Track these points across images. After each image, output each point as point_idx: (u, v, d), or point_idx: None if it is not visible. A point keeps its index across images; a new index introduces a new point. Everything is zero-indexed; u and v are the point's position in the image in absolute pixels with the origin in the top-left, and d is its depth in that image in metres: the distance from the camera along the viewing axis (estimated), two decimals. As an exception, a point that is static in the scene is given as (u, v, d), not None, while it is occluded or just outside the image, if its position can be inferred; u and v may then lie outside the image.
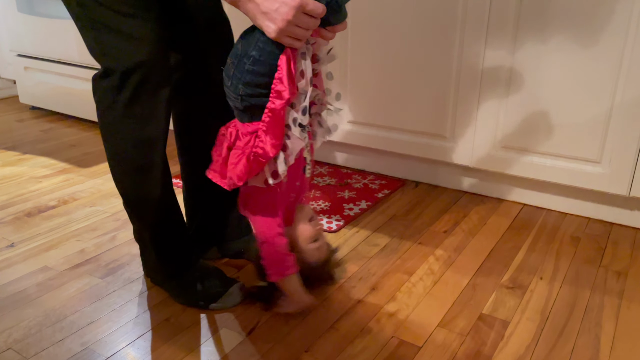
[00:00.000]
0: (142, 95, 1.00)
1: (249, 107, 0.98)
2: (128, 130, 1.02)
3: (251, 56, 0.94)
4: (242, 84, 0.96)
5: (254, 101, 0.97)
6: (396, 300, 1.14)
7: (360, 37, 1.63)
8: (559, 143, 1.43)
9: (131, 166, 1.05)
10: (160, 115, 1.03)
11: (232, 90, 0.98)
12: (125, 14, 0.96)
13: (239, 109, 1.00)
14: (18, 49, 2.45)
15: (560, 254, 1.31)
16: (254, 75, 0.95)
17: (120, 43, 0.97)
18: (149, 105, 1.01)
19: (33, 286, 1.19)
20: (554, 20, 1.34)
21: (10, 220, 1.50)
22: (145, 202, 1.09)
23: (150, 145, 1.04)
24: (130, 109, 1.00)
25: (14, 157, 1.99)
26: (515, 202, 1.59)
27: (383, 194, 1.65)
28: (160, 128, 1.04)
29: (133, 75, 0.98)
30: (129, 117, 1.01)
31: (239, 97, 0.97)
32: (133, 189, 1.08)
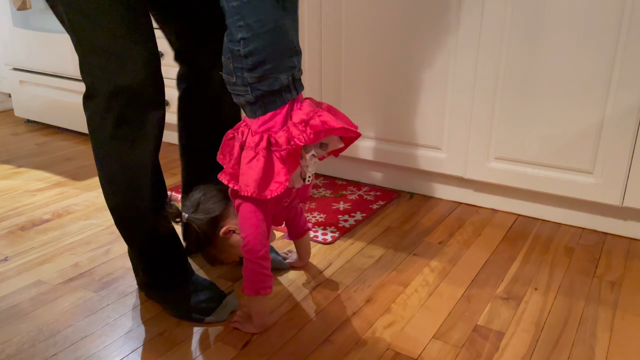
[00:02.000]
0: (129, 117, 1.00)
1: (260, 96, 0.96)
2: (116, 152, 1.02)
3: (240, 40, 0.93)
4: (247, 71, 0.94)
5: (264, 86, 0.95)
6: (391, 312, 1.14)
7: (354, 49, 1.65)
8: (551, 154, 1.44)
9: (120, 186, 1.05)
10: (150, 137, 1.03)
11: (240, 83, 0.96)
12: (115, 34, 0.95)
13: (250, 102, 0.98)
14: (13, 63, 2.46)
15: (555, 264, 1.32)
16: (253, 55, 0.93)
17: (108, 64, 0.96)
18: (137, 127, 1.01)
19: (26, 300, 1.19)
20: (545, 30, 1.36)
21: (4, 234, 1.49)
22: (136, 221, 1.09)
23: (139, 167, 1.04)
24: (118, 130, 1.00)
25: (8, 170, 1.98)
26: (510, 213, 1.60)
27: (378, 205, 1.65)
28: (149, 149, 1.03)
29: (119, 98, 0.98)
30: (117, 139, 1.01)
31: (249, 88, 0.96)
32: (123, 209, 1.08)
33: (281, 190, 0.96)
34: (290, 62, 0.98)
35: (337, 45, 1.67)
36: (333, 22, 1.65)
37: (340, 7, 1.62)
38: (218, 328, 1.09)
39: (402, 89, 1.61)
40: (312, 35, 1.70)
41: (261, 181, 0.96)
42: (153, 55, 1.01)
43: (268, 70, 0.95)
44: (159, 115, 1.04)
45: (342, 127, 0.98)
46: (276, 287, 1.23)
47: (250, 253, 1.02)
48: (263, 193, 0.97)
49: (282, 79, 0.97)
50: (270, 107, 0.97)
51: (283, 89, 0.98)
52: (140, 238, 1.12)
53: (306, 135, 0.96)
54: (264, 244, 1.03)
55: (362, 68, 1.65)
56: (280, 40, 0.95)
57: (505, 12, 1.39)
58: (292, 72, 0.99)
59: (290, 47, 0.98)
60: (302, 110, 0.99)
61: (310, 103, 1.02)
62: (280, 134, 0.97)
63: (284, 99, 0.99)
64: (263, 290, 1.03)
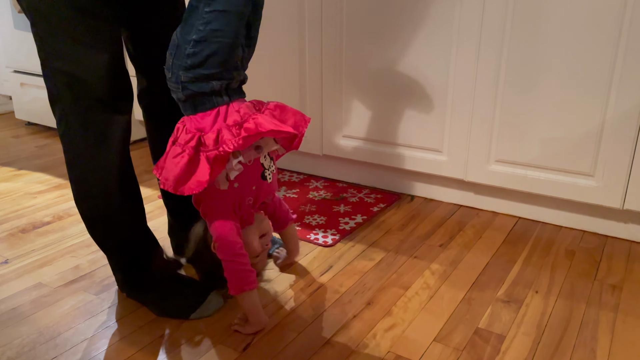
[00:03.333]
0: (93, 122, 1.02)
1: (190, 96, 1.00)
2: (83, 155, 1.04)
3: (191, 40, 0.96)
4: (183, 69, 0.98)
5: (195, 88, 0.99)
6: (392, 315, 1.14)
7: (355, 51, 1.65)
8: (552, 156, 1.44)
9: (90, 190, 1.06)
10: (115, 141, 1.04)
11: (174, 80, 1.00)
12: (76, 40, 0.97)
13: (181, 100, 1.02)
14: (14, 66, 2.46)
15: (556, 267, 1.32)
16: (194, 57, 0.97)
17: (69, 69, 0.98)
18: (101, 132, 1.02)
19: (27, 303, 1.19)
20: (546, 33, 1.36)
21: (5, 237, 1.49)
22: (107, 225, 1.10)
23: (106, 171, 1.05)
24: (84, 134, 1.02)
25: (9, 173, 1.98)
26: (510, 216, 1.60)
27: (378, 208, 1.65)
28: (115, 154, 1.05)
29: (81, 102, 1.00)
30: (83, 142, 1.03)
31: (180, 86, 0.99)
32: (94, 213, 1.09)
33: (200, 189, 0.97)
34: (228, 75, 1.01)
35: (338, 48, 1.67)
36: (333, 25, 1.65)
37: (341, 9, 1.63)
38: (219, 331, 1.09)
39: (403, 91, 1.61)
40: (313, 39, 1.70)
41: (180, 177, 0.98)
42: (115, 61, 1.02)
43: (202, 75, 0.98)
44: (124, 121, 1.05)
45: (271, 130, 0.99)
46: (277, 289, 1.23)
47: (224, 253, 1.04)
48: (180, 189, 0.99)
49: (213, 85, 1.00)
50: (199, 107, 1.01)
51: (214, 93, 1.01)
52: (113, 242, 1.13)
53: (235, 141, 0.97)
54: (236, 240, 1.05)
55: (363, 71, 1.65)
56: (226, 55, 0.99)
57: (506, 13, 1.39)
58: (227, 82, 1.02)
59: (233, 63, 1.02)
60: (238, 112, 1.01)
61: (250, 106, 1.05)
62: (209, 135, 0.99)
63: (214, 103, 1.01)
64: (247, 286, 1.04)
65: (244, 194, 1.09)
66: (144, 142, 2.35)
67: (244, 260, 1.05)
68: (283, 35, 1.76)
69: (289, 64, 1.78)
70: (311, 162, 1.92)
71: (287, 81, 1.80)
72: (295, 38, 1.74)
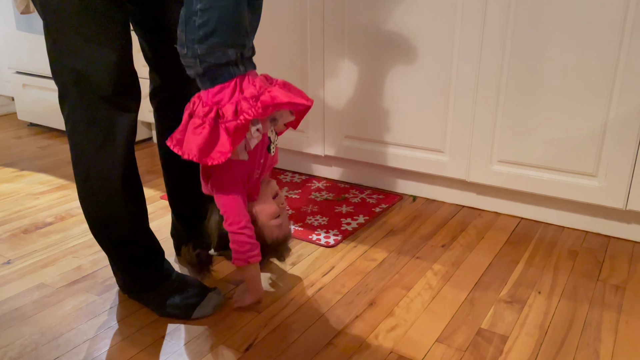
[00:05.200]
0: (99, 119, 1.02)
1: (208, 68, 1.01)
2: (88, 152, 1.04)
3: (197, 10, 0.97)
4: (197, 42, 0.98)
5: (212, 59, 0.99)
6: (394, 315, 1.13)
7: (356, 51, 1.65)
8: (555, 157, 1.44)
9: (93, 187, 1.07)
10: (120, 139, 1.05)
11: (190, 55, 1.00)
12: (87, 38, 0.98)
13: (199, 74, 1.02)
14: (16, 66, 2.47)
15: (558, 268, 1.31)
16: (206, 26, 0.97)
17: (79, 67, 0.99)
18: (107, 130, 1.03)
19: (29, 303, 1.19)
20: (549, 33, 1.36)
21: (7, 237, 1.49)
22: (109, 224, 1.10)
23: (110, 169, 1.05)
24: (89, 131, 1.03)
25: (11, 173, 1.99)
26: (513, 216, 1.59)
27: (380, 208, 1.65)
28: (120, 152, 1.05)
29: (88, 100, 1.00)
30: (88, 140, 1.03)
31: (197, 59, 1.00)
32: (96, 211, 1.10)
33: (223, 160, 0.99)
34: (240, 40, 1.02)
35: (340, 45, 1.67)
36: (335, 26, 1.65)
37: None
38: (221, 331, 1.09)
39: (404, 91, 1.61)
40: (315, 39, 1.70)
41: (204, 148, 1.00)
42: (124, 60, 1.02)
43: (217, 43, 0.98)
44: (130, 119, 1.06)
45: (289, 102, 1.02)
46: (279, 290, 1.23)
47: (232, 225, 1.07)
48: (204, 159, 1.00)
49: (229, 54, 1.01)
50: (218, 80, 1.02)
51: (230, 63, 1.02)
52: (113, 241, 1.13)
53: (255, 110, 0.99)
54: (244, 214, 1.08)
55: (364, 70, 1.65)
56: (234, 18, 0.99)
57: (508, 12, 1.39)
58: (241, 49, 1.03)
59: (243, 27, 1.02)
60: (254, 85, 1.02)
61: (263, 79, 1.06)
62: (228, 107, 1.00)
63: (232, 73, 1.02)
64: (252, 258, 1.09)
65: (254, 167, 1.11)
66: (147, 142, 2.35)
67: (251, 233, 1.08)
68: (285, 34, 1.76)
69: (290, 65, 1.78)
70: (313, 163, 1.92)
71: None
72: (297, 38, 1.74)
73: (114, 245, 1.14)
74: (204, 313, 1.13)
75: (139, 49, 1.23)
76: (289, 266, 1.33)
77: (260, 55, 1.80)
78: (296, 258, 1.37)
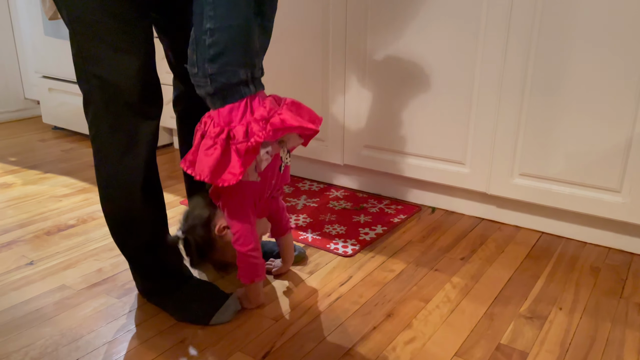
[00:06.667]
0: (122, 126, 1.04)
1: (220, 88, 1.02)
2: (111, 158, 1.06)
3: (207, 30, 0.98)
4: (208, 61, 0.99)
5: (223, 79, 1.00)
6: (412, 327, 1.12)
7: (377, 60, 1.65)
8: (578, 171, 1.42)
9: (114, 193, 1.08)
10: (142, 146, 1.06)
11: (201, 75, 1.01)
12: (112, 45, 1.00)
13: (210, 93, 1.03)
14: (43, 71, 2.52)
15: (580, 284, 1.29)
16: (216, 46, 0.98)
17: (103, 73, 1.01)
18: (129, 136, 1.05)
19: (50, 305, 1.20)
20: (574, 44, 1.35)
21: (30, 239, 1.52)
22: (129, 229, 1.12)
23: (132, 175, 1.07)
24: (112, 138, 1.04)
25: (35, 175, 2.02)
26: (533, 230, 1.57)
27: (399, 219, 1.64)
28: (141, 158, 1.07)
29: (112, 106, 1.02)
30: (111, 146, 1.05)
31: (208, 78, 1.01)
32: (117, 215, 1.11)
33: (234, 181, 1.00)
34: (251, 60, 1.03)
35: (361, 54, 1.68)
36: (357, 37, 1.66)
37: (365, 21, 1.63)
38: (238, 337, 1.09)
39: (425, 102, 1.60)
40: (336, 49, 1.71)
41: (215, 169, 1.01)
42: (147, 67, 1.04)
43: (227, 63, 1.00)
44: (152, 126, 1.07)
45: (299, 127, 1.02)
46: (296, 298, 1.23)
47: (242, 246, 1.10)
48: (216, 180, 1.02)
49: (240, 73, 1.02)
50: (228, 99, 1.03)
51: (241, 83, 1.03)
52: (133, 245, 1.14)
53: (265, 133, 1.00)
54: (254, 236, 1.11)
55: (385, 81, 1.65)
56: (244, 37, 1.01)
57: (532, 28, 1.38)
58: (251, 69, 1.03)
59: (253, 47, 1.03)
60: (264, 107, 1.03)
61: (272, 101, 1.06)
62: (239, 128, 1.01)
63: (242, 93, 1.03)
64: (257, 277, 1.14)
65: (265, 187, 1.13)
66: (167, 148, 2.38)
67: (258, 255, 1.12)
68: (307, 45, 1.77)
69: (312, 75, 1.79)
70: (332, 172, 1.93)
71: (310, 91, 1.81)
72: (318, 48, 1.75)
73: (133, 249, 1.15)
74: (222, 319, 1.13)
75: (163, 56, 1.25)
76: (307, 274, 1.33)
77: (282, 64, 1.82)
78: (314, 267, 1.37)
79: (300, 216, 1.66)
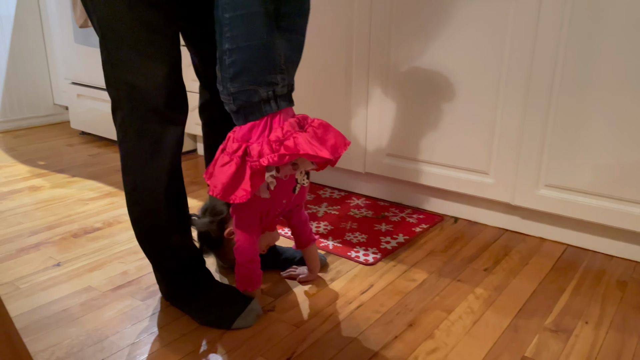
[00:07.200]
0: (147, 131, 1.06)
1: (242, 106, 1.04)
2: (136, 163, 1.08)
3: (226, 50, 1.00)
4: (229, 80, 1.02)
5: (244, 97, 1.02)
6: (434, 338, 1.11)
7: (401, 68, 1.65)
8: (605, 183, 1.39)
9: (140, 197, 1.10)
10: (167, 152, 1.08)
11: (225, 93, 1.04)
12: (140, 52, 1.02)
13: (233, 111, 1.06)
14: (72, 77, 2.58)
15: (607, 298, 1.27)
16: (235, 66, 1.00)
17: (130, 79, 1.03)
18: (155, 142, 1.07)
19: (77, 305, 1.23)
20: (601, 54, 1.33)
21: (58, 240, 1.55)
22: (153, 233, 1.14)
23: (156, 179, 1.09)
24: (138, 143, 1.07)
25: (63, 179, 2.07)
26: (559, 243, 1.55)
27: (421, 228, 1.64)
28: (166, 164, 1.09)
29: (138, 112, 1.05)
30: (137, 151, 1.07)
31: (231, 97, 1.03)
32: (142, 220, 1.13)
33: (245, 199, 1.02)
34: (272, 79, 1.04)
35: (384, 63, 1.68)
36: (381, 47, 1.66)
37: (389, 27, 1.64)
38: (260, 342, 1.09)
39: (448, 110, 1.60)
40: (360, 58, 1.71)
41: (228, 185, 1.03)
42: (173, 74, 1.06)
43: (246, 82, 1.02)
44: (177, 132, 1.10)
45: (306, 154, 1.02)
46: (317, 304, 1.23)
47: (241, 256, 1.14)
48: (228, 197, 1.04)
49: (260, 93, 1.03)
50: (250, 117, 1.05)
51: (262, 102, 1.04)
52: (157, 249, 1.16)
53: (271, 157, 1.01)
54: (254, 249, 1.15)
55: (408, 88, 1.65)
56: (262, 56, 1.02)
57: (559, 38, 1.37)
58: (273, 87, 1.04)
59: (274, 64, 1.04)
60: (281, 128, 1.04)
61: (292, 122, 1.06)
62: (254, 147, 1.03)
63: (263, 112, 1.04)
64: (250, 287, 1.19)
65: (275, 206, 1.15)
66: (192, 154, 2.41)
67: (254, 267, 1.16)
68: (330, 55, 1.78)
69: (335, 83, 1.80)
70: (353, 180, 1.93)
71: (333, 99, 1.82)
72: (342, 56, 1.76)
73: (157, 253, 1.17)
74: (244, 324, 1.14)
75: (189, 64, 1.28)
76: (328, 282, 1.33)
77: (306, 74, 1.84)
78: (335, 274, 1.37)
79: (322, 223, 1.66)
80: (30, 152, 2.43)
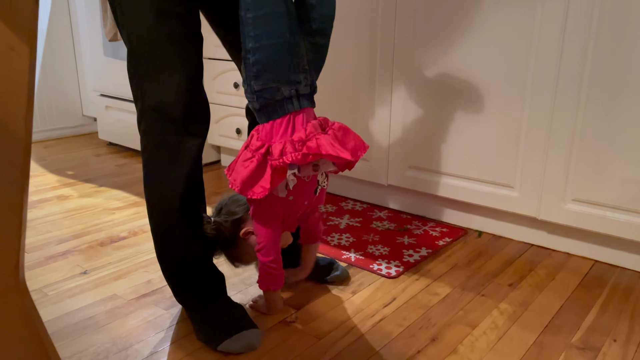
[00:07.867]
0: (166, 142, 1.08)
1: (264, 105, 1.06)
2: (155, 172, 1.10)
3: (249, 49, 1.02)
4: (253, 79, 1.04)
5: (267, 95, 1.04)
6: (458, 353, 1.10)
7: (425, 77, 1.65)
8: (634, 198, 1.36)
9: (157, 207, 1.12)
10: (184, 163, 1.09)
11: (249, 91, 1.06)
12: (166, 65, 1.05)
13: (256, 109, 1.08)
14: (101, 89, 2.65)
15: (635, 315, 1.23)
16: (257, 64, 1.02)
17: (153, 90, 1.06)
18: (173, 152, 1.09)
19: (102, 313, 1.25)
20: (629, 71, 1.31)
21: (85, 249, 1.58)
22: (167, 242, 1.15)
23: (172, 189, 1.10)
24: (157, 153, 1.09)
25: (90, 189, 2.12)
26: (586, 258, 1.52)
27: (444, 242, 1.62)
28: (183, 174, 1.10)
29: (157, 123, 1.07)
30: (156, 160, 1.10)
31: (255, 96, 1.05)
32: (158, 229, 1.15)
33: (261, 196, 1.04)
34: (295, 77, 1.06)
35: (409, 78, 1.68)
36: (404, 57, 1.67)
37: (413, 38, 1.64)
38: (281, 353, 1.09)
39: (473, 121, 1.59)
40: (383, 67, 1.72)
41: (247, 181, 1.05)
42: (194, 86, 1.09)
43: (269, 80, 1.04)
44: (196, 143, 1.11)
45: (329, 155, 1.03)
46: (339, 317, 1.23)
47: (264, 256, 1.15)
48: (246, 192, 1.05)
49: (283, 91, 1.05)
50: (272, 115, 1.06)
51: (284, 100, 1.06)
52: (168, 259, 1.17)
53: (295, 156, 1.02)
54: (276, 249, 1.15)
55: (431, 99, 1.65)
56: (285, 55, 1.04)
57: (588, 42, 1.35)
58: (295, 86, 1.06)
59: (297, 63, 1.06)
60: (305, 128, 1.05)
61: (316, 124, 1.07)
62: (276, 145, 1.04)
63: (285, 110, 1.06)
64: (272, 286, 1.19)
65: (297, 207, 1.16)
66: (215, 165, 2.44)
67: (277, 266, 1.17)
68: (353, 64, 1.79)
69: (358, 93, 1.81)
70: (376, 192, 1.92)
71: (356, 110, 1.83)
72: (366, 65, 1.76)
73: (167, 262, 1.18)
74: (230, 348, 1.09)
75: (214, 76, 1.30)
76: (350, 294, 1.33)
77: (329, 81, 1.85)
78: (357, 287, 1.36)
79: (344, 235, 1.66)
80: (59, 161, 2.49)
